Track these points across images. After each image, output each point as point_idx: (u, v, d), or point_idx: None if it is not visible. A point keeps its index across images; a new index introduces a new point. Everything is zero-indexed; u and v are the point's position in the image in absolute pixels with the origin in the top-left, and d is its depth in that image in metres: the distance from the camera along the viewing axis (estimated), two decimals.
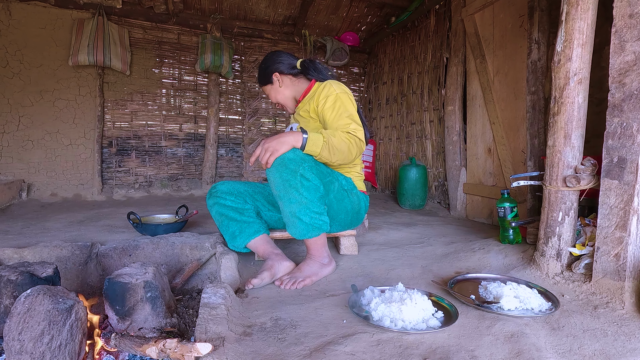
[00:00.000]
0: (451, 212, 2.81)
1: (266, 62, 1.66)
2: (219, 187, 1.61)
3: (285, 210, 1.37)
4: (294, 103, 1.69)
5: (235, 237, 1.54)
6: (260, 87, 1.73)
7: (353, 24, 3.95)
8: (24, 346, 0.78)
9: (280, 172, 1.31)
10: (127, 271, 1.09)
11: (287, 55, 1.67)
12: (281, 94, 1.67)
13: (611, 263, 1.17)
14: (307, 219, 1.36)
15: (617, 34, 1.18)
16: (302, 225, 1.37)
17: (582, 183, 1.28)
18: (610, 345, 0.94)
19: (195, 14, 3.52)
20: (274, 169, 1.32)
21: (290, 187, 1.32)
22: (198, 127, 3.69)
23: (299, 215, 1.35)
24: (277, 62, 1.64)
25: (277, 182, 1.33)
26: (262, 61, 1.69)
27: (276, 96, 1.68)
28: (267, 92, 1.69)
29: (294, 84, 1.66)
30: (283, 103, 1.69)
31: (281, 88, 1.65)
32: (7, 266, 1.08)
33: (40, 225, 2.10)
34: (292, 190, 1.32)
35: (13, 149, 3.01)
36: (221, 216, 1.57)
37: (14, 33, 2.96)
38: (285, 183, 1.32)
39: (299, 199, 1.33)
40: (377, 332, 1.00)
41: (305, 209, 1.35)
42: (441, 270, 1.51)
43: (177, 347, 0.85)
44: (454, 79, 2.74)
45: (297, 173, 1.31)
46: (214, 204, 1.59)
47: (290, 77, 1.65)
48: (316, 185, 1.36)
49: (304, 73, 1.65)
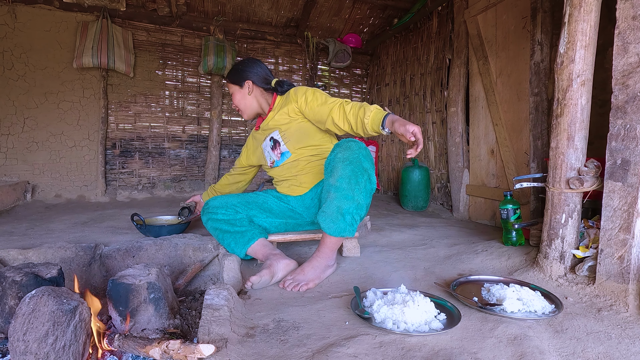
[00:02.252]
0: (454, 214, 2.80)
1: (244, 65, 1.70)
2: (211, 202, 1.64)
3: (332, 202, 1.35)
4: (254, 113, 1.74)
5: (232, 249, 1.55)
6: (227, 83, 1.75)
7: (355, 25, 3.95)
8: (29, 347, 0.79)
9: (354, 166, 1.32)
10: (131, 272, 1.10)
11: (265, 69, 1.73)
12: (246, 101, 1.71)
13: (615, 265, 1.17)
14: (350, 219, 1.36)
15: (620, 35, 1.17)
16: (343, 223, 1.36)
17: (586, 185, 1.28)
18: (614, 348, 0.94)
19: (199, 17, 3.54)
20: (348, 162, 1.32)
21: (355, 184, 1.33)
22: (201, 129, 3.70)
23: (344, 213, 1.35)
24: (254, 72, 1.69)
25: (346, 173, 1.32)
26: (240, 62, 1.73)
27: (240, 100, 1.71)
28: (232, 91, 1.71)
29: (263, 96, 1.71)
30: (243, 109, 1.73)
31: (249, 96, 1.70)
32: (12, 267, 1.09)
33: (44, 226, 2.12)
34: (355, 187, 1.33)
35: (18, 151, 3.03)
36: (216, 230, 1.60)
37: (19, 36, 2.98)
38: (352, 179, 1.33)
39: (353, 198, 1.34)
40: (380, 334, 1.00)
41: (353, 210, 1.35)
42: (444, 272, 1.51)
43: (180, 348, 0.86)
44: (457, 81, 2.74)
45: (366, 174, 1.34)
46: (208, 219, 1.62)
47: (261, 90, 1.71)
48: (372, 190, 1.39)
49: (273, 90, 1.71)
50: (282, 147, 1.65)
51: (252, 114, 1.74)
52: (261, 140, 1.75)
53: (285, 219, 1.70)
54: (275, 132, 1.67)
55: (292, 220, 1.71)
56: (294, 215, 1.71)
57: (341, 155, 1.35)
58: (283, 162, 1.67)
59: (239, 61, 1.72)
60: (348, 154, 1.34)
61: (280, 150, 1.66)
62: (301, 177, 1.65)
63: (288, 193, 1.70)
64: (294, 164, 1.65)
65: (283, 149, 1.66)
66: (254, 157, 1.83)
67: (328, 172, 1.39)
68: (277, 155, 1.68)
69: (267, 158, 1.73)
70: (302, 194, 1.67)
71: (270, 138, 1.69)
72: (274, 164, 1.71)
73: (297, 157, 1.63)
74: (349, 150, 1.35)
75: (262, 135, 1.75)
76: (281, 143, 1.65)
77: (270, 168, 1.74)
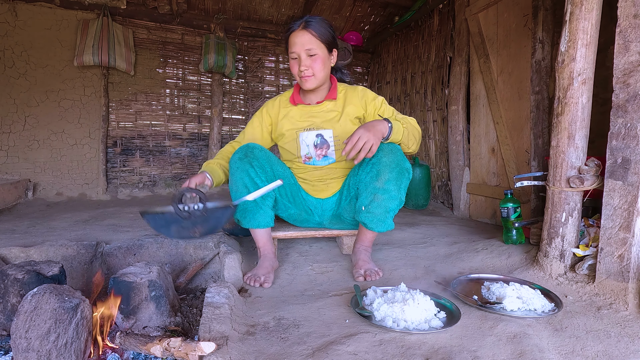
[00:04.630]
0: (454, 212, 2.80)
1: (333, 30, 1.47)
2: (257, 153, 1.41)
3: (380, 204, 1.36)
4: (319, 86, 1.50)
5: (245, 216, 1.45)
6: (311, 37, 1.41)
7: (356, 23, 3.94)
8: (31, 344, 0.80)
9: (399, 168, 1.34)
10: (132, 270, 1.10)
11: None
12: (327, 71, 1.48)
13: (615, 264, 1.17)
14: (392, 214, 1.41)
15: (621, 34, 1.17)
16: (389, 221, 1.42)
17: (586, 184, 1.28)
18: (614, 346, 0.94)
19: (199, 14, 3.53)
20: (394, 165, 1.33)
21: (400, 185, 1.36)
22: (202, 127, 3.70)
23: (390, 211, 1.39)
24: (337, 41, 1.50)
25: (393, 176, 1.33)
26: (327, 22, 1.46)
27: (323, 67, 1.44)
28: (316, 51, 1.41)
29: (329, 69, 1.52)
30: (317, 77, 1.44)
31: (329, 65, 1.49)
32: (14, 265, 1.10)
33: (46, 224, 2.12)
34: (400, 188, 1.36)
35: (19, 149, 3.04)
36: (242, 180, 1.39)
37: (20, 34, 2.98)
38: (398, 181, 1.35)
39: (397, 197, 1.37)
40: (380, 332, 1.00)
41: (396, 207, 1.40)
42: (444, 270, 1.51)
43: (181, 346, 0.86)
44: (458, 79, 2.74)
45: (407, 173, 1.36)
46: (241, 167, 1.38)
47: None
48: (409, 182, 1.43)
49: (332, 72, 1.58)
50: (330, 151, 1.53)
51: (318, 86, 1.49)
52: (301, 126, 1.53)
53: (300, 212, 1.64)
54: (328, 132, 1.51)
55: (305, 216, 1.65)
56: (307, 211, 1.65)
57: (386, 160, 1.34)
58: (322, 165, 1.54)
59: (329, 23, 1.45)
60: (392, 157, 1.34)
61: (324, 153, 1.53)
62: (332, 183, 1.59)
63: (310, 193, 1.63)
64: (330, 172, 1.56)
65: (330, 153, 1.53)
66: (274, 136, 1.58)
67: (372, 174, 1.36)
68: (318, 155, 1.54)
69: (301, 150, 1.54)
70: (324, 197, 1.63)
71: (318, 135, 1.52)
72: (310, 161, 1.55)
73: (337, 166, 1.55)
74: (392, 154, 1.34)
75: (304, 120, 1.53)
76: (331, 147, 1.52)
77: (302, 163, 1.56)
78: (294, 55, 1.43)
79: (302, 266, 1.58)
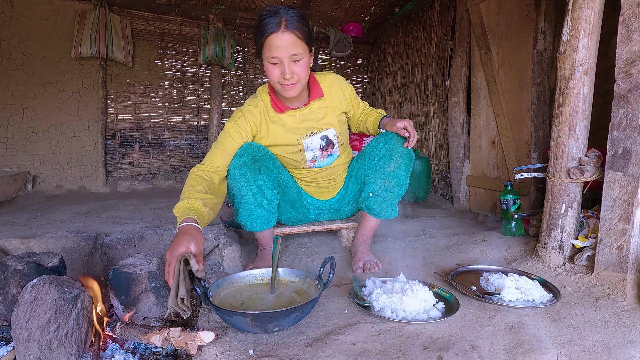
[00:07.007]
0: (454, 205, 2.80)
1: (308, 24, 1.26)
2: (265, 157, 1.32)
3: (390, 189, 1.45)
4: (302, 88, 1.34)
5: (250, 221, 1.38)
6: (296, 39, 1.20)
7: (356, 14, 3.90)
8: (32, 334, 0.80)
9: (410, 154, 1.43)
10: (132, 262, 1.11)
11: None
12: (308, 72, 1.30)
13: (614, 255, 1.17)
14: (397, 201, 1.51)
15: (624, 23, 1.16)
16: (395, 207, 1.53)
17: (586, 175, 1.27)
18: (611, 336, 0.94)
19: (198, 5, 3.49)
20: (406, 151, 1.42)
21: (408, 171, 1.46)
22: (201, 119, 3.68)
23: (397, 197, 1.49)
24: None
25: (404, 161, 1.43)
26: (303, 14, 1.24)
27: (306, 69, 1.27)
28: (301, 54, 1.22)
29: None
30: (302, 81, 1.27)
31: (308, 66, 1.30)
32: (14, 256, 1.10)
33: (45, 216, 2.12)
34: (407, 173, 1.47)
35: (18, 141, 3.03)
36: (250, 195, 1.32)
37: (17, 25, 2.95)
38: (407, 166, 1.44)
39: (404, 183, 1.47)
40: (378, 322, 1.01)
41: (402, 193, 1.50)
42: (443, 262, 1.52)
43: (181, 336, 0.87)
44: (458, 70, 2.72)
45: (412, 160, 1.46)
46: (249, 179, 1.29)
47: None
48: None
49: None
50: (335, 149, 1.49)
51: (301, 90, 1.32)
52: (301, 133, 1.41)
53: (298, 214, 1.63)
54: (330, 131, 1.44)
55: (302, 216, 1.65)
56: (305, 212, 1.64)
57: (399, 146, 1.41)
58: (328, 165, 1.50)
59: (304, 14, 1.24)
60: (402, 143, 1.42)
61: (329, 152, 1.48)
62: (337, 180, 1.58)
63: (315, 196, 1.61)
64: (335, 170, 1.53)
65: (335, 151, 1.49)
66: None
67: (385, 159, 1.43)
68: (323, 157, 1.48)
69: (307, 156, 1.45)
70: (327, 199, 1.63)
71: (323, 137, 1.44)
72: (315, 164, 1.48)
73: (340, 162, 1.53)
74: (402, 140, 1.42)
75: (301, 126, 1.40)
76: (335, 145, 1.47)
77: (307, 168, 1.49)
78: (275, 60, 1.21)
79: (302, 258, 1.58)
